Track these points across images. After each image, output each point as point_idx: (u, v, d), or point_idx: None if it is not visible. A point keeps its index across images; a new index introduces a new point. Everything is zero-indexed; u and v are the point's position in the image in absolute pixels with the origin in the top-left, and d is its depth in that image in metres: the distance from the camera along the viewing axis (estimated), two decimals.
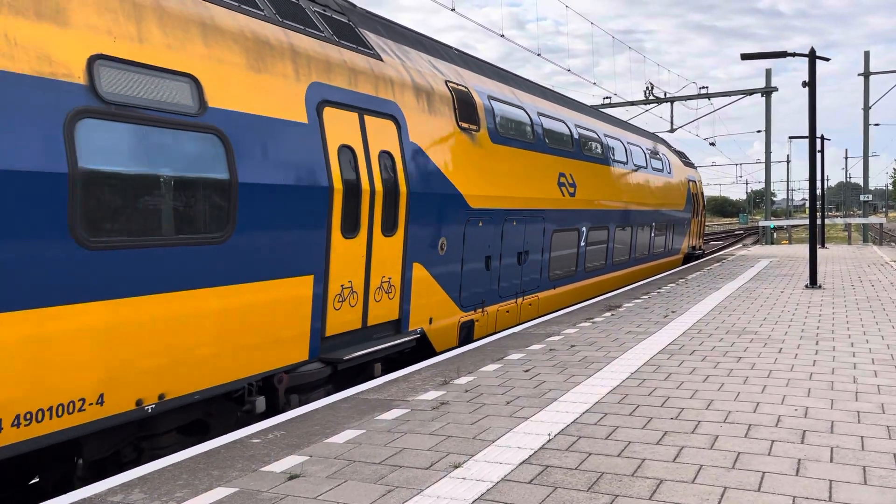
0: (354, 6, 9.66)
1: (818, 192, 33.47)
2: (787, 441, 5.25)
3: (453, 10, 17.75)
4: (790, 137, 35.60)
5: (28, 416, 4.90)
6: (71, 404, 5.16)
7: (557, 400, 6.55)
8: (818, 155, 34.98)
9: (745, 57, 16.21)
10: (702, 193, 28.09)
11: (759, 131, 38.23)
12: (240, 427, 6.88)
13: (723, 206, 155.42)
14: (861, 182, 38.89)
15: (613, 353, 8.68)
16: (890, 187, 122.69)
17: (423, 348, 9.62)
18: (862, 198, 39.22)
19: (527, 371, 7.81)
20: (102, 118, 5.36)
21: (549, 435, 5.51)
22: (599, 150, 15.99)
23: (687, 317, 11.43)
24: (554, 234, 13.31)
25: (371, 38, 9.18)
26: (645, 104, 37.00)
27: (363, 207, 8.05)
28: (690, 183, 24.92)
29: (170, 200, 5.84)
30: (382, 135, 8.51)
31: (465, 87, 10.82)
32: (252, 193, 6.54)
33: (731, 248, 34.93)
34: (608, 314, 11.99)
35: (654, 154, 21.01)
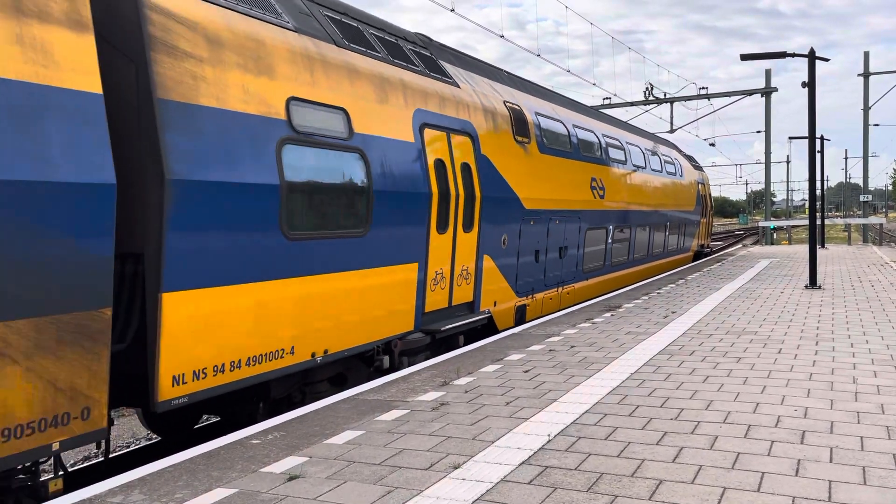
0: (431, 40, 11.46)
1: (818, 192, 33.56)
2: (786, 441, 5.25)
3: (452, 10, 17.76)
4: (790, 138, 35.61)
5: (255, 359, 6.71)
6: (279, 352, 7.02)
7: (557, 400, 6.55)
8: (818, 155, 35.01)
9: (744, 57, 16.22)
10: (710, 195, 29.64)
11: (758, 132, 38.25)
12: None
13: (722, 207, 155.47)
14: (861, 182, 38.89)
15: (613, 353, 8.68)
16: (890, 188, 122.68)
17: (486, 327, 11.42)
18: (862, 198, 39.23)
19: (526, 372, 7.81)
20: (295, 143, 7.13)
21: (549, 435, 5.51)
22: (622, 157, 17.69)
23: (687, 317, 11.43)
24: (587, 232, 15.08)
25: (448, 68, 11.07)
26: (645, 104, 37.02)
27: (451, 209, 9.89)
28: (699, 185, 26.45)
29: (333, 203, 7.63)
30: (462, 149, 10.32)
31: (518, 106, 12.59)
32: (381, 198, 8.36)
33: (730, 249, 34.94)
34: (608, 315, 11.99)
35: (668, 159, 22.65)
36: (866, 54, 36.16)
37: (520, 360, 8.47)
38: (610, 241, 16.63)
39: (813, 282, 15.54)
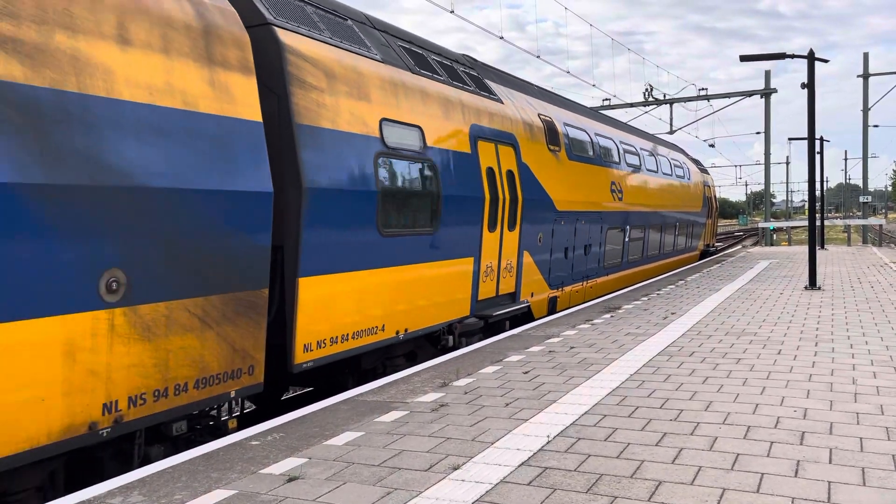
0: (476, 60, 13.06)
1: (818, 193, 33.48)
2: (786, 442, 5.25)
3: (452, 11, 17.78)
4: (789, 139, 35.61)
5: (357, 334, 8.17)
6: (374, 329, 8.46)
7: (556, 402, 6.55)
8: (818, 156, 35.02)
9: (744, 59, 16.23)
10: (715, 197, 31.30)
11: (758, 133, 38.27)
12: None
13: (722, 208, 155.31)
14: (860, 183, 38.91)
15: (613, 354, 8.68)
16: (889, 189, 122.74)
17: (525, 315, 12.94)
18: (861, 199, 39.24)
19: (526, 373, 7.81)
20: (386, 157, 8.57)
21: (549, 437, 5.51)
22: (637, 162, 19.12)
23: (686, 318, 11.43)
24: (607, 231, 16.52)
25: (492, 86, 12.50)
26: (644, 106, 37.04)
27: (499, 211, 11.28)
28: (705, 187, 27.85)
29: (413, 205, 9.13)
30: (507, 158, 11.73)
31: (550, 118, 14.03)
32: (447, 201, 9.77)
33: (730, 250, 34.93)
34: (607, 316, 11.99)
35: (677, 163, 24.06)
36: (865, 55, 36.18)
37: (519, 361, 8.47)
38: (626, 239, 18.05)
39: (812, 283, 15.55)
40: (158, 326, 5.71)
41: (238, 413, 7.19)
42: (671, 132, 36.96)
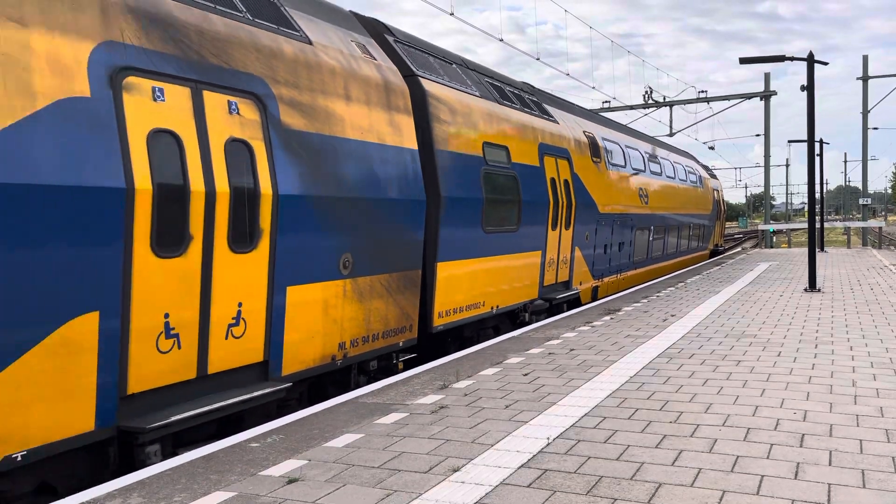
0: (534, 87, 15.72)
1: (817, 195, 33.48)
2: (785, 444, 5.25)
3: (451, 14, 17.79)
4: (789, 141, 35.63)
5: (468, 307, 10.75)
6: (477, 304, 11.03)
7: (556, 404, 6.55)
8: (817, 159, 35.02)
9: (743, 61, 16.24)
10: (723, 200, 34.33)
11: (758, 135, 38.26)
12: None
13: None
14: (860, 186, 38.92)
15: (612, 356, 8.68)
16: (889, 191, 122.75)
17: (573, 301, 15.45)
18: (861, 201, 39.25)
19: (526, 375, 7.81)
20: (487, 171, 11.13)
21: (548, 439, 5.51)
22: (659, 170, 21.95)
23: (686, 320, 11.43)
24: (636, 231, 19.32)
25: (549, 109, 15.17)
26: (644, 108, 37.05)
27: (559, 213, 13.93)
28: (714, 192, 30.66)
29: (503, 208, 11.64)
30: (564, 169, 14.39)
31: (592, 134, 16.80)
32: (526, 205, 12.33)
33: (730, 252, 34.93)
34: (607, 318, 11.99)
35: (691, 170, 26.84)
36: (865, 58, 36.20)
37: (519, 363, 8.47)
38: (651, 238, 20.85)
39: (812, 285, 15.55)
40: (366, 293, 8.29)
41: (403, 359, 10.01)
42: (671, 134, 36.96)
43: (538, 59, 25.19)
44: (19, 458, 4.83)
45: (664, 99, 36.86)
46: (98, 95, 5.27)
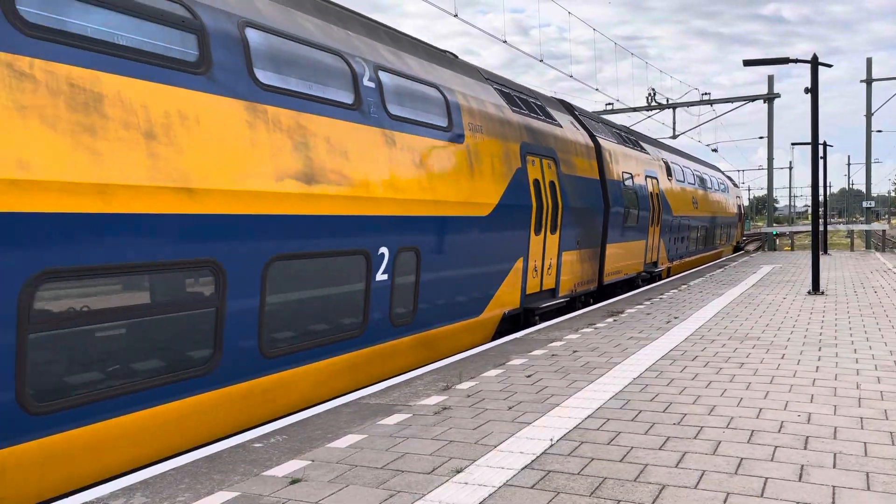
0: (630, 129, 22.91)
1: (821, 198, 33.50)
2: (790, 447, 5.23)
3: (455, 16, 17.80)
4: (793, 144, 35.58)
5: (613, 273, 17.21)
6: (618, 271, 17.64)
7: (560, 405, 6.54)
8: (821, 161, 34.95)
9: (747, 63, 16.22)
10: (742, 205, 42.05)
11: (761, 137, 38.22)
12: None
13: None
14: (864, 188, 38.84)
15: (616, 358, 8.67)
16: (893, 194, 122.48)
17: (653, 278, 21.31)
18: (864, 204, 39.18)
19: (529, 376, 7.80)
20: (624, 188, 17.75)
21: (552, 440, 5.50)
22: (702, 182, 28.46)
23: (689, 322, 11.42)
24: (691, 229, 25.93)
25: (643, 144, 21.68)
26: (647, 110, 37.02)
27: (654, 216, 20.23)
28: (737, 197, 38.46)
29: (631, 214, 17.94)
30: (654, 186, 20.71)
31: (666, 160, 23.31)
32: (640, 210, 18.71)
33: (733, 254, 34.88)
34: (610, 320, 11.97)
35: (720, 180, 33.58)
36: (869, 60, 36.13)
37: (522, 364, 8.46)
38: (697, 235, 27.22)
39: (816, 287, 15.52)
40: (581, 258, 14.77)
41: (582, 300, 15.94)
42: (674, 136, 36.94)
43: (541, 60, 25.19)
44: (506, 314, 11.77)
45: (667, 101, 36.82)
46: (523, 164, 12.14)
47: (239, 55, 6.73)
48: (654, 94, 36.59)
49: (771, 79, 36.10)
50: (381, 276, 8.38)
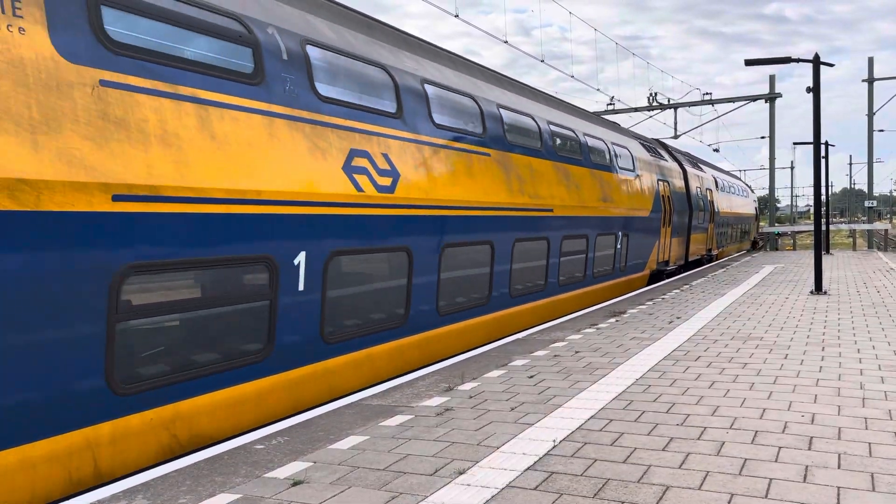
0: (693, 155, 31.24)
1: (823, 198, 33.83)
2: (794, 447, 5.21)
3: (456, 16, 17.79)
4: (794, 143, 35.55)
5: (693, 254, 25.81)
6: (693, 253, 25.81)
7: (562, 406, 6.52)
8: (823, 161, 34.89)
9: (749, 63, 16.20)
10: (757, 206, 50.64)
11: (763, 137, 38.20)
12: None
13: None
14: (866, 188, 38.79)
15: (618, 359, 8.64)
16: (895, 193, 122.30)
17: (710, 259, 29.21)
18: (866, 204, 39.11)
19: (531, 377, 7.78)
20: (697, 198, 25.91)
21: (555, 441, 5.48)
22: (731, 189, 35.82)
23: (692, 323, 11.39)
24: (728, 226, 33.42)
25: (700, 164, 29.88)
26: (649, 110, 36.99)
27: (711, 216, 28.46)
28: (754, 201, 47.46)
29: (703, 212, 27.29)
30: (710, 195, 28.63)
31: (714, 176, 30.98)
32: (707, 210, 27.92)
33: (735, 254, 34.86)
34: (612, 320, 11.95)
35: (743, 187, 42.99)
36: (870, 60, 36.11)
37: (524, 365, 8.44)
38: (731, 231, 34.81)
39: (818, 287, 15.48)
40: (679, 243, 23.17)
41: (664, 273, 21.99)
42: (675, 137, 36.90)
43: (542, 61, 25.17)
44: (651, 272, 20.38)
45: (668, 101, 36.79)
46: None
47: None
48: (655, 94, 36.56)
49: (772, 78, 36.08)
50: (618, 246, 17.04)
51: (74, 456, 5.13)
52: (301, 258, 6.96)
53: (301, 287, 6.97)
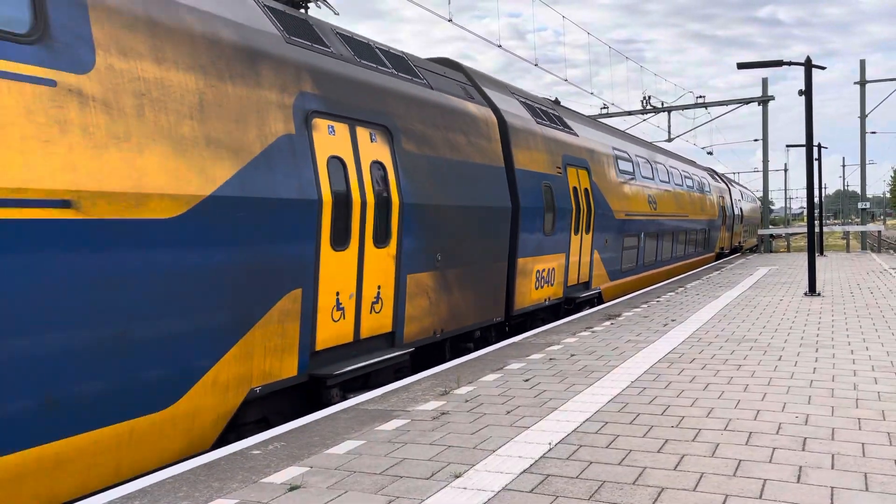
0: (718, 172, 39.17)
1: (816, 200, 34.25)
2: (788, 448, 5.24)
3: (450, 20, 17.84)
4: (787, 146, 35.74)
5: (720, 247, 33.54)
6: (720, 246, 33.50)
7: (558, 409, 6.54)
8: (816, 163, 35.04)
9: (741, 66, 16.28)
10: (759, 211, 56.61)
11: (756, 140, 38.38)
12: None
13: None
14: (859, 190, 38.97)
15: (613, 361, 8.67)
16: (888, 195, 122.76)
17: (732, 252, 36.49)
18: (860, 205, 39.28)
19: (527, 380, 7.80)
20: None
21: (550, 444, 5.50)
22: (742, 196, 41.44)
23: (686, 325, 11.43)
24: (749, 224, 42.91)
25: (725, 180, 37.94)
26: (643, 113, 37.11)
27: (740, 220, 38.74)
28: (759, 207, 51.11)
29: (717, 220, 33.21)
30: (726, 201, 34.29)
31: (740, 189, 45.21)
32: (728, 219, 35.07)
33: (730, 256, 34.96)
34: (608, 323, 11.98)
35: (748, 193, 50.39)
36: (862, 62, 36.25)
37: (520, 368, 8.46)
38: (749, 229, 43.16)
39: (812, 289, 15.55)
40: (721, 238, 33.46)
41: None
42: (669, 140, 37.01)
43: (536, 64, 25.24)
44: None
45: (662, 104, 36.92)
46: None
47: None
48: (649, 98, 36.68)
49: (765, 81, 36.20)
50: (707, 236, 28.17)
51: None
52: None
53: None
